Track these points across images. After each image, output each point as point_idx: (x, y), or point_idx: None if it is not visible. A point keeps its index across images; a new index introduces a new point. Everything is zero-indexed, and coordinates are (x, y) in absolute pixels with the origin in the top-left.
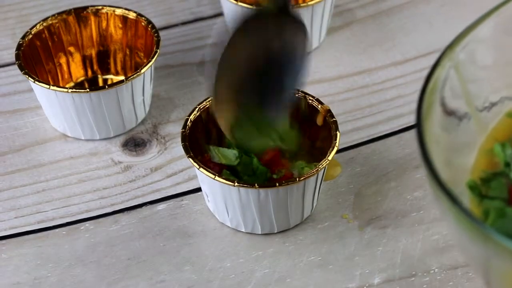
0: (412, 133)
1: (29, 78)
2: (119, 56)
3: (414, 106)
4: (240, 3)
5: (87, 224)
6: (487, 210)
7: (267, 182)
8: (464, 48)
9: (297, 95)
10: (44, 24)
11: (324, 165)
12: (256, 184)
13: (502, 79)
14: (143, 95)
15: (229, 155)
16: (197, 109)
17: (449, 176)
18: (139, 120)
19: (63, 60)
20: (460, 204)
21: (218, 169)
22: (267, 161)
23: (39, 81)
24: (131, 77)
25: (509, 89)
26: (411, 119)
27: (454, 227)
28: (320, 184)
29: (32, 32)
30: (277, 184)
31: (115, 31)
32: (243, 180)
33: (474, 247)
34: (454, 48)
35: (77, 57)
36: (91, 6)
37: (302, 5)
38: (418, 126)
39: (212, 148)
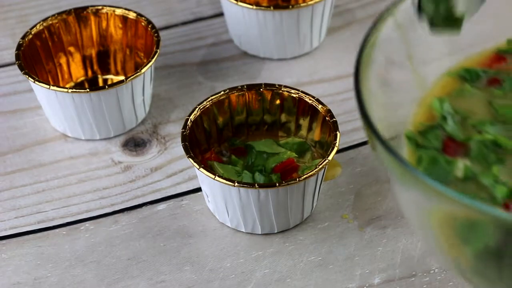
0: None
1: (29, 78)
2: (119, 56)
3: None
4: (240, 3)
5: (87, 224)
6: (421, 157)
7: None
8: (407, 6)
9: (297, 95)
10: (44, 24)
11: (324, 165)
12: (256, 184)
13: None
14: (143, 95)
15: (231, 171)
16: (197, 109)
17: (388, 128)
18: (139, 120)
19: (63, 60)
20: (393, 149)
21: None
22: (281, 170)
23: (39, 81)
24: (131, 77)
25: (448, 46)
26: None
27: (390, 174)
28: (320, 184)
29: (32, 32)
30: (277, 184)
31: (115, 31)
32: None
33: (407, 193)
34: (397, 5)
35: (77, 57)
36: (91, 6)
37: (302, 5)
38: (356, 77)
39: (216, 164)
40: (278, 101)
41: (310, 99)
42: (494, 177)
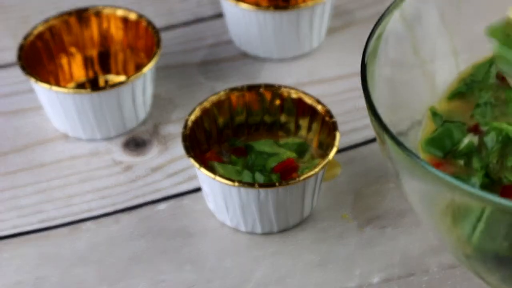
0: None
1: (31, 78)
2: (120, 57)
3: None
4: (240, 4)
5: (88, 223)
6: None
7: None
8: (414, 2)
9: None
10: (46, 25)
11: (324, 165)
12: (256, 184)
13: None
14: (144, 95)
15: (231, 171)
16: (197, 109)
17: (396, 123)
18: (140, 120)
19: (64, 61)
20: (397, 139)
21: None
22: (280, 170)
23: (41, 82)
24: (132, 77)
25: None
26: (448, 71)
27: (395, 163)
28: (320, 184)
29: (34, 33)
30: (277, 184)
31: (116, 32)
32: None
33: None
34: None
35: (78, 57)
36: (92, 7)
37: (302, 5)
38: (363, 72)
39: (216, 164)
40: (278, 102)
41: (310, 99)
42: (485, 163)
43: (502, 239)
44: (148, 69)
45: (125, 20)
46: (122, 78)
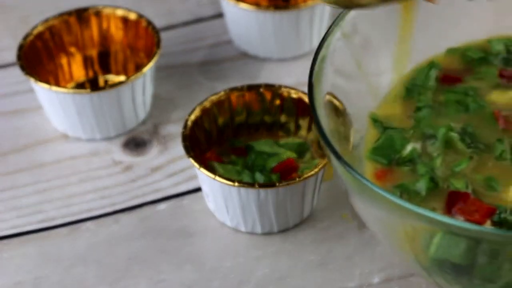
0: None
1: (31, 78)
2: (120, 57)
3: (392, 63)
4: (240, 4)
5: (88, 223)
6: (380, 136)
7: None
8: (352, 20)
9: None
10: (46, 25)
11: (324, 165)
12: (256, 184)
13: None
14: (144, 95)
15: (231, 171)
16: (197, 109)
17: (343, 141)
18: (140, 120)
19: (64, 61)
20: (343, 160)
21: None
22: (280, 170)
23: (41, 82)
24: (132, 77)
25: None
26: (390, 76)
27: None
28: (320, 184)
29: (34, 33)
30: (277, 184)
31: (116, 32)
32: None
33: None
34: (344, 17)
35: (78, 57)
36: (92, 6)
37: (302, 5)
38: (309, 89)
39: (216, 164)
40: (278, 102)
41: None
42: (430, 167)
43: (457, 249)
44: (148, 69)
45: (125, 20)
46: (122, 78)
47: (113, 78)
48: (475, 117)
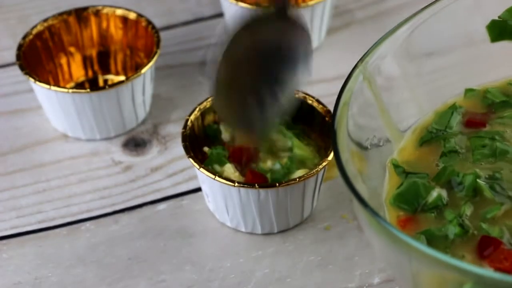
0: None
1: (30, 78)
2: (120, 57)
3: (414, 106)
4: (240, 3)
5: (87, 224)
6: (403, 183)
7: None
8: (374, 61)
9: (297, 97)
10: (45, 24)
11: (324, 165)
12: (256, 184)
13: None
14: (144, 95)
15: (229, 169)
16: (197, 109)
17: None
18: (140, 120)
19: (63, 61)
20: (375, 212)
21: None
22: (236, 153)
23: (40, 81)
24: (132, 77)
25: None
26: (412, 120)
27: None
28: (320, 184)
29: (33, 33)
30: (277, 184)
31: (116, 32)
32: None
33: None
34: (365, 59)
35: (78, 57)
36: (92, 6)
37: (302, 5)
38: (333, 135)
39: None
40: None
41: (310, 99)
42: (457, 214)
43: None
44: (148, 69)
45: (124, 19)
46: (121, 78)
47: (112, 78)
48: (502, 163)
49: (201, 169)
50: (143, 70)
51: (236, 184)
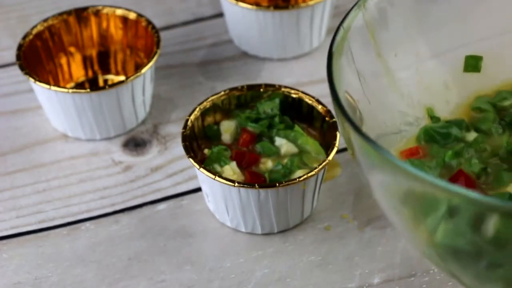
0: None
1: (30, 78)
2: (120, 57)
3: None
4: (240, 3)
5: (87, 224)
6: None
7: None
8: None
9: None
10: (45, 24)
11: (324, 165)
12: (256, 184)
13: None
14: (144, 95)
15: (229, 170)
16: (197, 109)
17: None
18: (140, 120)
19: (63, 60)
20: (363, 133)
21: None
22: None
23: (40, 81)
24: (132, 77)
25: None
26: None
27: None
28: (320, 184)
29: (33, 33)
30: (277, 184)
31: (116, 32)
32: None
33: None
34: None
35: (78, 57)
36: (92, 6)
37: (302, 5)
38: (329, 60)
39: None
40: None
41: (310, 99)
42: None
43: (465, 233)
44: (148, 69)
45: (124, 19)
46: (121, 78)
47: (112, 78)
48: None
49: (201, 169)
50: (143, 70)
51: (236, 184)
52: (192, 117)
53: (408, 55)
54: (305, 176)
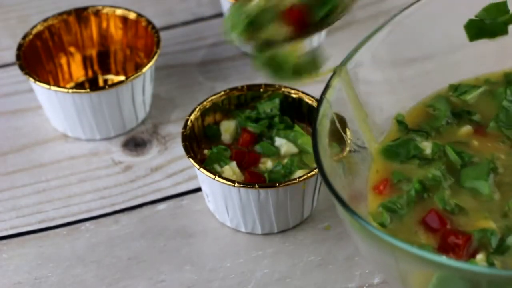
0: None
1: (30, 78)
2: (120, 56)
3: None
4: None
5: (87, 224)
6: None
7: (268, 183)
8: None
9: (297, 96)
10: (45, 24)
11: None
12: (256, 184)
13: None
14: (143, 95)
15: (229, 170)
16: (197, 109)
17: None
18: (140, 120)
19: (63, 60)
20: (357, 214)
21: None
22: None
23: (40, 81)
24: (132, 77)
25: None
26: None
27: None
28: (320, 184)
29: (33, 33)
30: (277, 184)
31: (116, 32)
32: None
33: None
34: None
35: (78, 57)
36: (92, 6)
37: None
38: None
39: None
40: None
41: (310, 99)
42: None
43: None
44: (148, 69)
45: (124, 19)
46: (121, 78)
47: (112, 78)
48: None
49: (201, 169)
50: (143, 70)
51: (236, 184)
52: (192, 117)
53: None
54: (305, 176)
